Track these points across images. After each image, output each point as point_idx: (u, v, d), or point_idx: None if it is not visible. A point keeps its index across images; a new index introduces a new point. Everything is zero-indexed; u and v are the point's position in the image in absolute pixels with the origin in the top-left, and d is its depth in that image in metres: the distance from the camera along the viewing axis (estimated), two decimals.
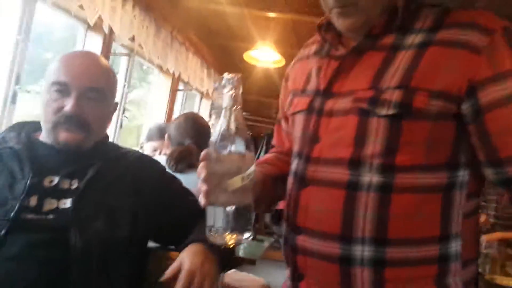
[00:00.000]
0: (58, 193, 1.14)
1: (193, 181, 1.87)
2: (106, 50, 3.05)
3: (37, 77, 2.94)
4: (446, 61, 0.83)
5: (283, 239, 1.01)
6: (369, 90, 0.88)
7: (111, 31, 2.86)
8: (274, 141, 1.24)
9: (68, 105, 1.17)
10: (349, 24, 0.93)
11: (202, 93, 5.19)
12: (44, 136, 1.24)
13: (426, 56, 0.85)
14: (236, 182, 0.84)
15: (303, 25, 4.20)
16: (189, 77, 4.25)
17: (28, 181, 1.13)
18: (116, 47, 3.31)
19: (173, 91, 4.25)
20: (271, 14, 3.83)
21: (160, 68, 3.83)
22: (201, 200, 0.87)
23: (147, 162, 1.36)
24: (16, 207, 1.08)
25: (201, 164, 0.87)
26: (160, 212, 1.25)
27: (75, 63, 1.22)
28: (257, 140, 6.42)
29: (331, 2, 0.92)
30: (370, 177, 0.86)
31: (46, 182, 1.16)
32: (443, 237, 0.87)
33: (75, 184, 1.17)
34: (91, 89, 1.20)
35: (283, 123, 1.17)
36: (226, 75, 0.87)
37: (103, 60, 1.28)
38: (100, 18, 2.69)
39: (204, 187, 0.86)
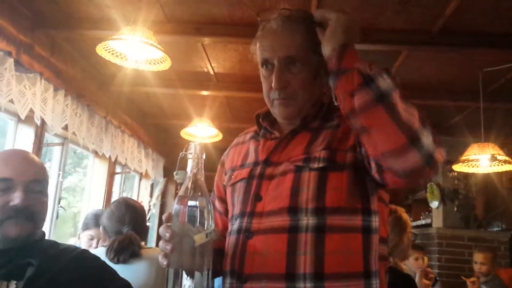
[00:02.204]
0: None
1: (140, 270, 1.81)
2: (39, 141, 2.99)
3: None
4: (350, 130, 1.09)
5: None
6: (302, 155, 1.11)
7: (43, 122, 2.83)
8: None
9: (17, 198, 1.18)
10: (288, 113, 1.17)
11: (141, 174, 5.13)
12: None
13: (340, 130, 1.12)
14: (201, 238, 0.92)
15: (236, 100, 4.37)
16: (126, 159, 4.22)
17: None
18: (48, 136, 3.26)
19: (111, 175, 4.18)
20: (205, 92, 3.97)
21: (96, 153, 3.78)
22: (163, 261, 0.95)
23: (88, 258, 1.33)
24: None
25: (164, 225, 0.96)
26: None
27: (14, 159, 1.25)
28: None
29: (275, 94, 1.15)
30: (307, 220, 1.04)
31: None
32: (366, 274, 1.04)
33: (12, 286, 1.14)
34: (35, 181, 1.23)
35: (217, 204, 1.30)
36: (192, 143, 1.00)
37: (35, 155, 1.33)
38: (31, 110, 2.67)
39: (167, 247, 0.93)
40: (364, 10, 2.64)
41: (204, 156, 1.00)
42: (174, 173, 5.40)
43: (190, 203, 0.95)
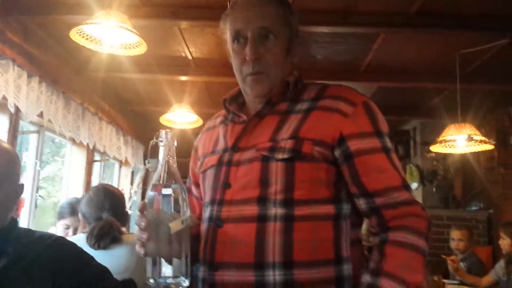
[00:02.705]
0: None
1: (120, 255, 1.79)
2: (13, 129, 2.92)
3: None
4: (323, 120, 1.10)
5: (200, 281, 1.11)
6: (268, 142, 1.10)
7: (17, 109, 2.76)
8: None
9: None
10: (260, 89, 1.15)
11: (120, 161, 5.07)
12: None
13: (310, 117, 1.11)
14: (177, 225, 0.92)
15: (215, 86, 4.33)
16: (105, 146, 4.16)
17: None
18: (23, 124, 3.18)
19: (89, 163, 4.13)
20: (183, 78, 3.92)
21: (73, 140, 3.72)
22: (140, 250, 0.95)
23: (64, 245, 1.30)
24: None
25: (139, 215, 0.96)
26: None
27: None
28: None
29: (249, 68, 1.13)
30: (275, 210, 1.05)
31: None
32: (337, 260, 1.05)
33: None
34: None
35: (193, 190, 1.30)
36: (162, 131, 0.98)
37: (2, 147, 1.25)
38: (4, 97, 2.60)
39: (144, 236, 0.93)
40: None
41: (175, 143, 0.99)
42: (146, 161, 5.37)
43: (164, 190, 0.94)
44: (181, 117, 4.50)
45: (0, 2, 2.64)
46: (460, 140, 3.46)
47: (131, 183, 5.53)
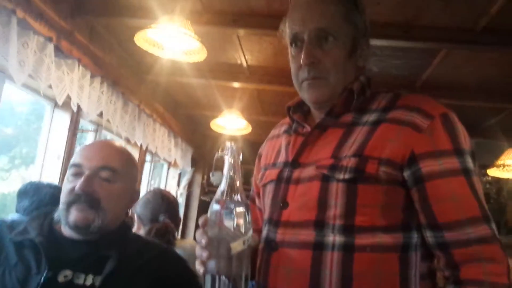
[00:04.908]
0: None
1: None
2: (74, 127, 3.04)
3: None
4: (393, 135, 0.96)
5: None
6: (330, 159, 0.99)
7: (79, 108, 2.86)
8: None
9: (78, 183, 1.16)
10: (318, 95, 1.05)
11: (169, 163, 5.17)
12: (62, 228, 1.22)
13: (378, 131, 0.98)
14: (238, 245, 0.88)
15: (267, 93, 4.35)
16: (157, 147, 4.25)
17: (43, 278, 1.08)
18: (82, 122, 3.30)
19: (141, 163, 4.23)
20: (236, 84, 3.96)
21: (127, 140, 3.82)
22: (199, 268, 0.91)
23: (171, 257, 1.30)
24: None
25: (201, 230, 0.92)
26: None
27: (90, 147, 1.28)
28: None
29: (304, 73, 1.04)
30: (333, 237, 0.94)
31: (60, 278, 1.11)
32: None
33: (89, 280, 1.12)
34: (103, 168, 1.20)
35: (256, 200, 1.24)
36: (228, 144, 0.94)
37: (119, 145, 1.31)
38: (68, 96, 2.71)
39: (204, 254, 0.89)
40: (406, 5, 2.57)
41: (241, 158, 0.95)
42: (210, 173, 5.46)
43: (227, 207, 0.90)
44: (231, 122, 4.55)
45: (71, 3, 2.76)
46: None
47: (178, 185, 5.62)
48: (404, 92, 1.05)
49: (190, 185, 5.90)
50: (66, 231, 1.21)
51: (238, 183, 0.93)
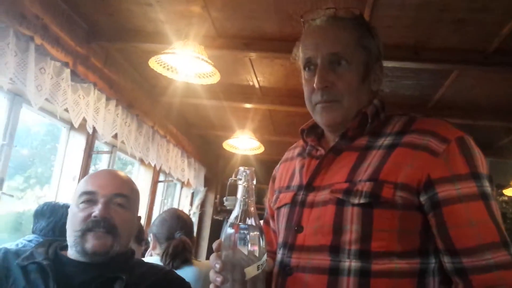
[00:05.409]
0: None
1: (190, 276, 1.85)
2: (89, 149, 3.09)
3: (12, 173, 2.94)
4: (408, 159, 0.95)
5: None
6: (344, 183, 0.98)
7: (94, 130, 2.92)
8: None
9: (97, 210, 1.20)
10: (331, 118, 1.06)
11: (183, 183, 5.20)
12: (70, 252, 1.25)
13: (393, 155, 0.97)
14: (253, 270, 0.87)
15: (279, 114, 4.38)
16: (170, 168, 4.29)
17: None
18: (97, 143, 3.36)
19: (155, 183, 4.27)
20: (248, 105, 4.00)
21: (141, 161, 3.87)
22: None
23: (175, 279, 1.32)
24: None
25: (215, 254, 0.92)
26: None
27: (100, 175, 1.31)
28: None
29: (318, 96, 1.05)
30: (349, 262, 0.92)
31: None
32: None
33: None
34: (118, 195, 1.25)
35: (270, 223, 1.23)
36: (241, 169, 0.94)
37: (124, 174, 1.37)
38: (84, 118, 2.77)
39: (218, 279, 0.89)
40: (416, 28, 2.59)
41: (254, 182, 0.95)
42: (224, 199, 5.48)
43: (241, 231, 0.90)
44: (243, 143, 4.58)
45: (86, 29, 2.83)
46: None
47: (191, 204, 5.65)
48: (419, 116, 1.05)
49: (203, 204, 5.92)
50: (72, 255, 1.24)
51: (252, 208, 0.93)
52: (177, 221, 2.11)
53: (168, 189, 5.24)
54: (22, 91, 2.35)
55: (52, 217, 1.98)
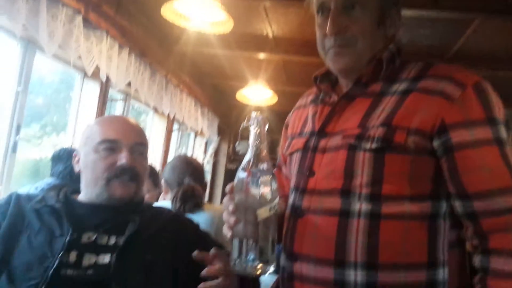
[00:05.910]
0: (97, 248, 1.17)
1: (201, 222, 1.91)
2: (103, 96, 3.11)
3: (28, 121, 2.99)
4: (423, 104, 0.95)
5: (280, 268, 1.07)
6: (357, 129, 0.99)
7: (108, 78, 2.93)
8: None
9: (123, 158, 1.24)
10: (343, 63, 1.04)
11: (196, 132, 5.25)
12: (82, 196, 1.29)
13: (407, 101, 0.96)
14: (264, 212, 0.90)
15: (293, 64, 4.32)
16: (184, 117, 4.32)
17: (68, 237, 1.14)
18: (111, 91, 3.37)
19: (169, 132, 4.31)
20: (262, 55, 3.95)
21: (155, 110, 3.89)
22: (227, 232, 0.94)
23: (183, 221, 1.38)
24: (56, 263, 1.10)
25: (228, 197, 0.95)
26: (199, 269, 1.22)
27: (118, 123, 1.33)
28: None
29: (331, 42, 1.03)
30: (360, 205, 0.95)
31: (84, 239, 1.18)
32: (430, 264, 0.93)
33: (112, 240, 1.19)
34: (139, 144, 1.29)
35: (283, 168, 1.26)
36: (253, 115, 0.96)
37: (135, 120, 1.40)
38: (97, 66, 2.77)
39: (231, 219, 0.93)
40: None
41: (266, 127, 0.96)
42: (236, 143, 5.53)
43: (253, 175, 0.92)
44: (256, 93, 4.56)
45: None
46: None
47: (204, 153, 5.72)
48: (435, 62, 1.03)
49: (216, 153, 6.00)
50: (84, 198, 1.28)
51: (264, 153, 0.94)
52: (186, 167, 2.14)
53: (182, 139, 5.30)
54: (35, 38, 2.34)
55: (69, 161, 2.03)
